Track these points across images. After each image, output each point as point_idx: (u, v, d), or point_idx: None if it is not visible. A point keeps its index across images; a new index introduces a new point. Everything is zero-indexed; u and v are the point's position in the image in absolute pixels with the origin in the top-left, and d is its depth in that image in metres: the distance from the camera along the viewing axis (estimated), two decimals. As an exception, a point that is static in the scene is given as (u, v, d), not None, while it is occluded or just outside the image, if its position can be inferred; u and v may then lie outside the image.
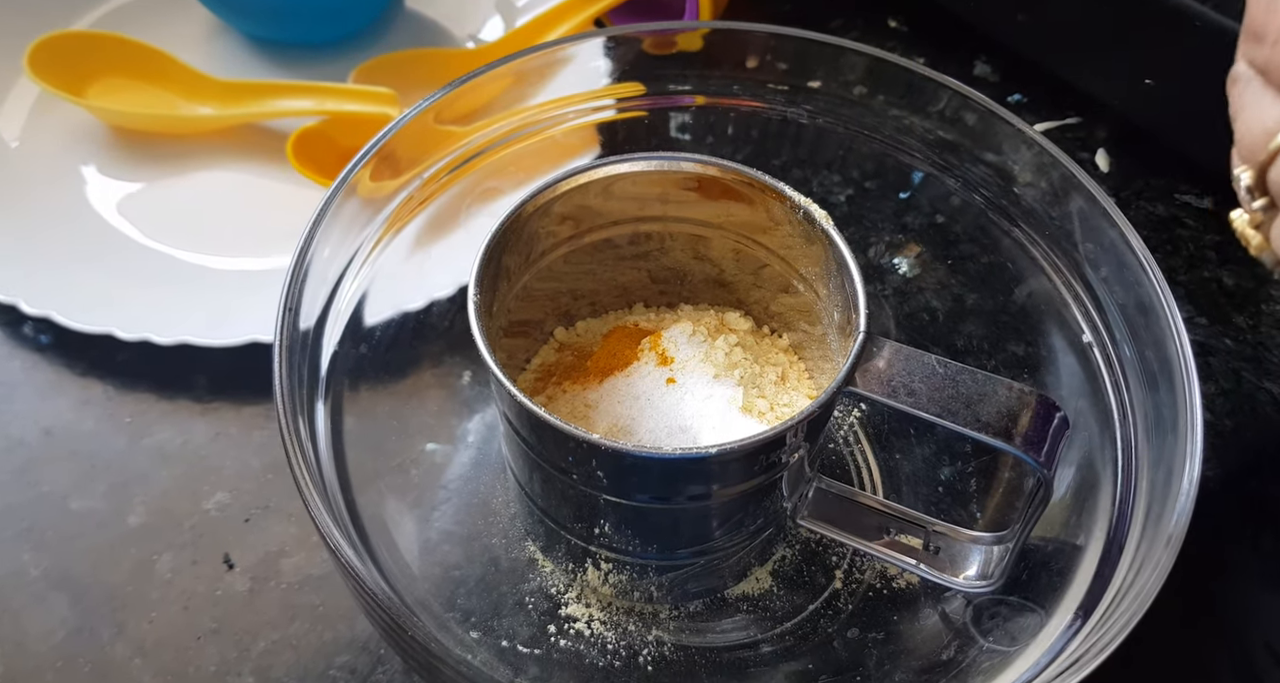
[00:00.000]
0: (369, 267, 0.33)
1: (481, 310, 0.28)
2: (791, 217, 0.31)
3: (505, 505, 0.36)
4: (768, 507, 0.31)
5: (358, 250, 0.33)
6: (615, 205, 0.33)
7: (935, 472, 0.36)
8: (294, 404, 0.25)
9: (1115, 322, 0.31)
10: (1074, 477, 0.31)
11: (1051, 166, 0.33)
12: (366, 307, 0.34)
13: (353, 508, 0.28)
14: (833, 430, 0.38)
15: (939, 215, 0.42)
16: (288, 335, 0.26)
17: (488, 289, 0.29)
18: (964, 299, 0.41)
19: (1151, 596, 0.23)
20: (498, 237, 0.29)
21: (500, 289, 0.31)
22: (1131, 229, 0.30)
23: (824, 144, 0.42)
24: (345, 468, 0.29)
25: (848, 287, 0.29)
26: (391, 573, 0.28)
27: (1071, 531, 0.30)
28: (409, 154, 0.34)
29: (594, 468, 0.27)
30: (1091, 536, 0.28)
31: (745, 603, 0.33)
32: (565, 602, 0.33)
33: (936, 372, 0.26)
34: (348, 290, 0.32)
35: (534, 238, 0.32)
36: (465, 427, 0.38)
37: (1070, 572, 0.28)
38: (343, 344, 0.31)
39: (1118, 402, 0.30)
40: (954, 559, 0.31)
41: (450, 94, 0.33)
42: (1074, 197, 0.33)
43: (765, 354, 0.36)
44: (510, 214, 0.30)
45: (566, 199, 0.32)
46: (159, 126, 0.47)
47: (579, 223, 0.33)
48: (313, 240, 0.28)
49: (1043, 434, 0.25)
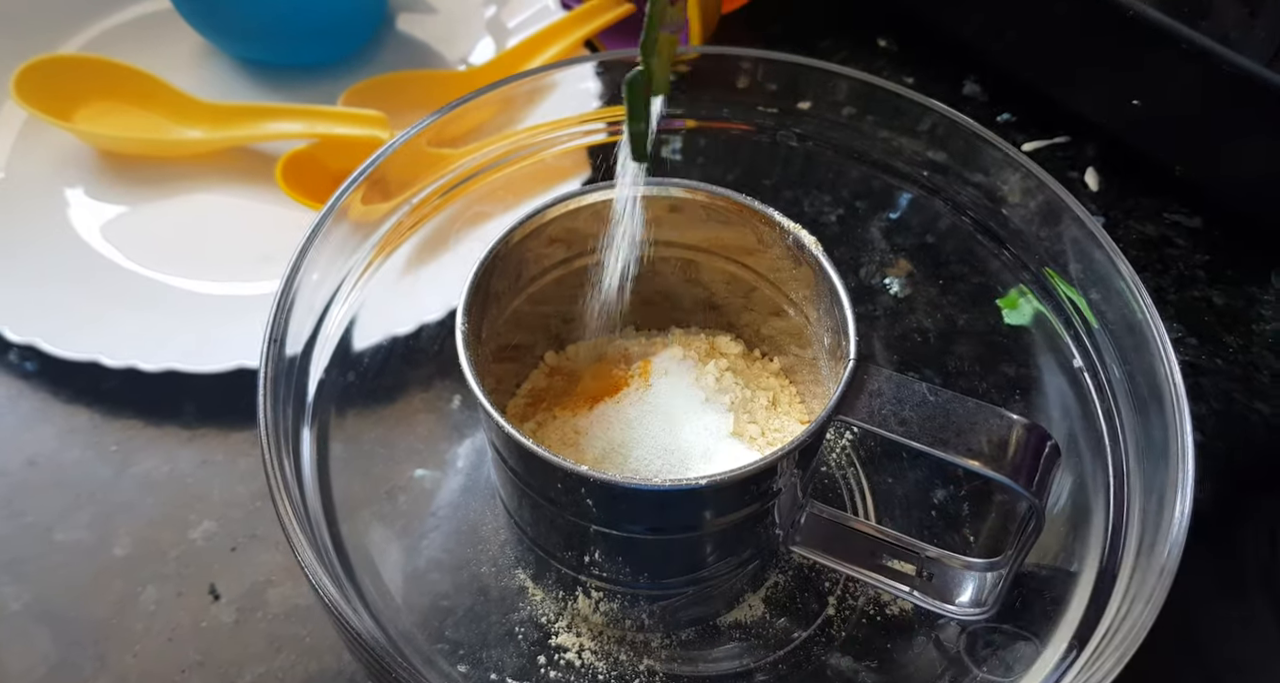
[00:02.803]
0: (358, 292, 0.33)
1: (470, 338, 0.28)
2: (780, 241, 0.31)
3: (495, 532, 0.35)
4: (760, 534, 0.31)
5: (346, 275, 0.32)
6: (606, 230, 0.33)
7: (928, 495, 0.36)
8: (278, 436, 0.25)
9: (1105, 345, 0.31)
10: (1067, 501, 0.31)
11: (1039, 189, 0.33)
12: (355, 332, 0.34)
13: (337, 538, 0.27)
14: (825, 454, 0.38)
15: (929, 235, 0.42)
16: (273, 366, 0.26)
17: (476, 315, 0.29)
18: (955, 320, 0.41)
19: (1146, 627, 0.23)
20: (487, 262, 0.29)
21: (490, 314, 0.31)
22: (1119, 252, 0.30)
23: (814, 166, 0.42)
24: (330, 497, 0.28)
25: (838, 313, 0.29)
26: (376, 605, 0.28)
27: (1065, 557, 0.29)
28: (400, 178, 0.34)
29: (582, 498, 0.27)
30: (1085, 562, 0.28)
31: (738, 631, 0.33)
32: (556, 631, 0.33)
33: (928, 400, 0.26)
34: (336, 316, 0.32)
35: (524, 263, 0.32)
36: (455, 452, 0.38)
37: (1064, 600, 0.28)
38: (330, 371, 0.31)
39: (1109, 426, 0.30)
40: (947, 586, 0.31)
41: (443, 118, 0.33)
42: (1062, 219, 0.33)
43: (756, 378, 0.36)
44: (500, 240, 0.29)
45: (557, 224, 0.32)
46: (147, 150, 0.47)
47: (569, 247, 0.33)
48: (300, 268, 0.28)
49: (1034, 463, 0.25)
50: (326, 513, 0.27)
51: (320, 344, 0.30)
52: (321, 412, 0.30)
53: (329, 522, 0.27)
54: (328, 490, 0.28)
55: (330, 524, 0.27)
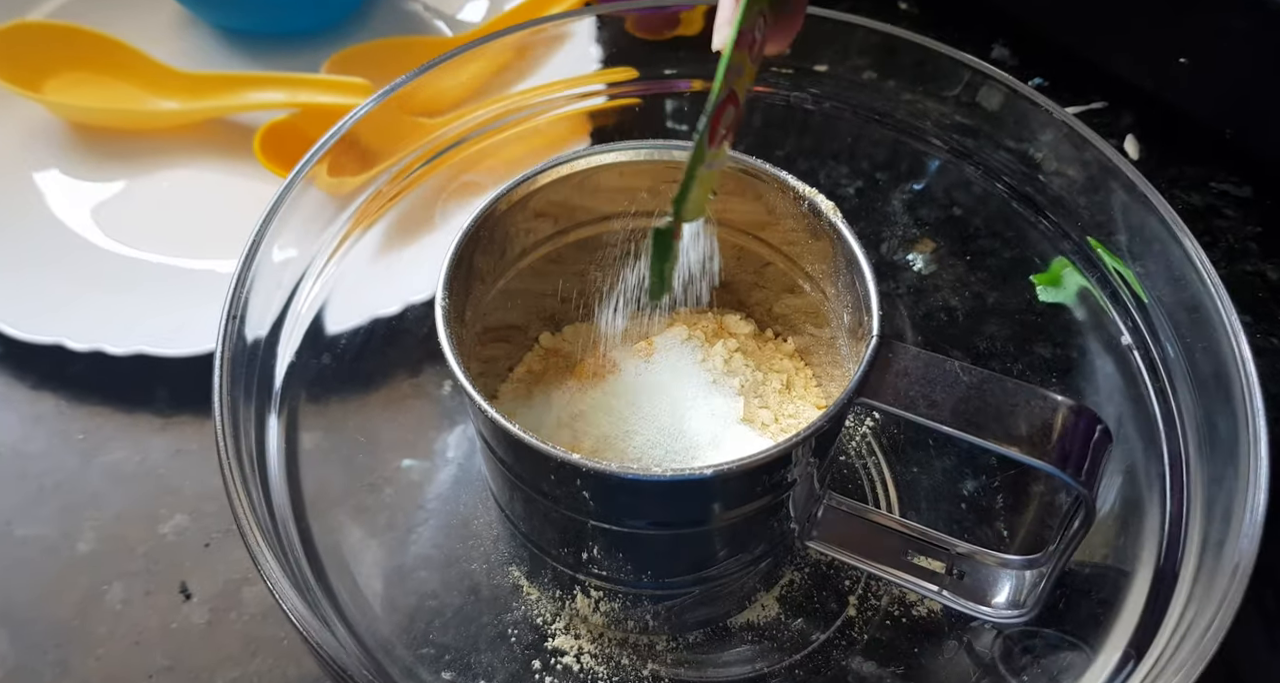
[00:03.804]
0: (333, 268, 0.31)
1: (451, 316, 0.26)
2: (795, 209, 0.29)
3: (487, 527, 0.34)
4: (774, 528, 0.29)
5: (319, 251, 0.30)
6: (601, 200, 0.31)
7: (957, 487, 0.34)
8: (237, 423, 0.23)
9: (1159, 322, 0.28)
10: (1115, 494, 0.28)
11: (1084, 150, 0.31)
12: (330, 312, 0.31)
13: (307, 537, 0.25)
14: (843, 442, 0.36)
15: (956, 207, 0.40)
16: (231, 346, 0.24)
17: (458, 293, 0.27)
18: (985, 298, 0.39)
19: (1220, 634, 0.21)
20: (468, 237, 0.27)
21: (474, 293, 0.29)
22: (1178, 219, 0.28)
23: (832, 132, 0.40)
24: (300, 491, 0.26)
25: (858, 285, 0.27)
26: (349, 610, 0.26)
27: (1115, 555, 0.27)
28: (376, 145, 0.32)
29: (578, 490, 0.25)
30: (1139, 561, 0.26)
31: (750, 633, 0.31)
32: (552, 633, 0.31)
33: (960, 380, 0.24)
34: (308, 294, 0.30)
35: (509, 237, 0.30)
36: (445, 441, 0.36)
37: (1116, 602, 0.26)
38: (301, 354, 0.29)
39: (1163, 410, 0.28)
40: (981, 585, 0.29)
41: (420, 78, 0.31)
42: (1110, 183, 0.30)
43: (768, 360, 0.33)
44: (481, 212, 0.27)
45: (545, 194, 0.29)
46: (121, 122, 0.45)
47: (560, 219, 0.31)
48: (262, 240, 0.26)
49: (1083, 450, 0.23)
50: (295, 508, 0.25)
51: (290, 324, 0.28)
52: (291, 397, 0.28)
53: (297, 518, 0.25)
54: (296, 484, 0.26)
55: (299, 521, 0.25)
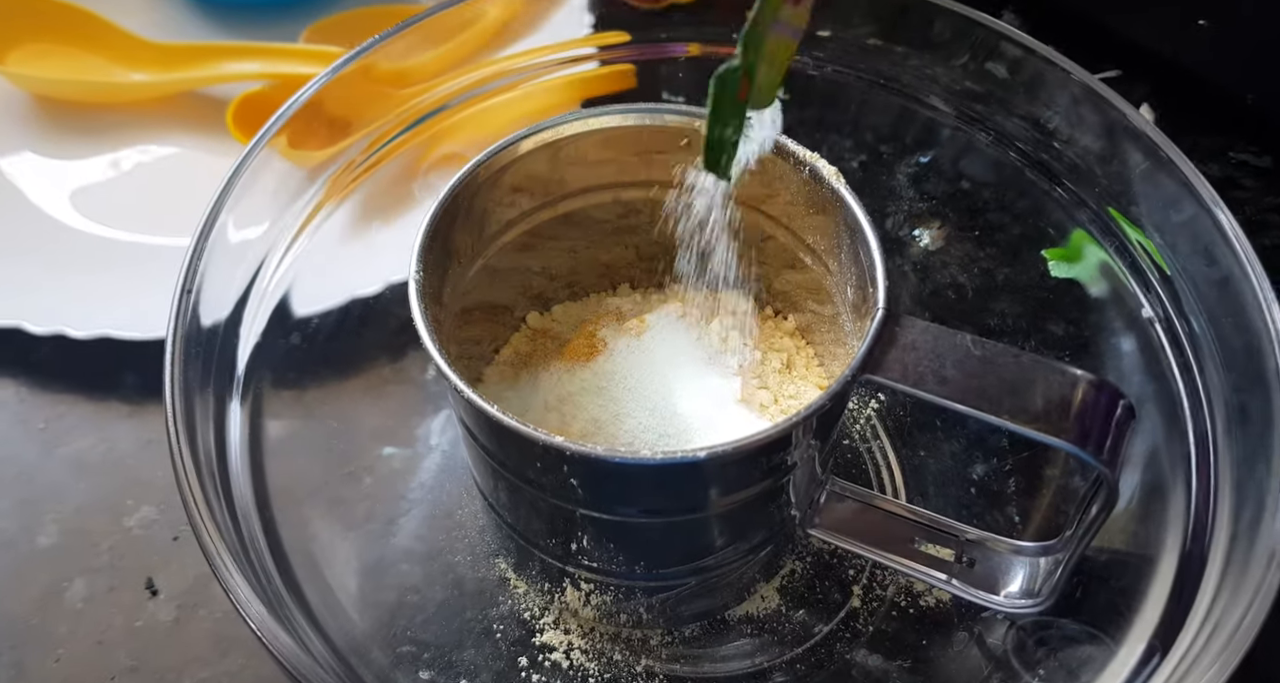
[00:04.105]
0: (304, 243, 0.30)
1: (427, 296, 0.24)
2: (796, 176, 0.28)
3: (473, 517, 0.33)
4: (773, 516, 0.28)
5: (286, 225, 0.29)
6: (588, 170, 0.30)
7: (966, 470, 0.33)
8: (190, 408, 0.22)
9: (1185, 294, 0.27)
10: (1137, 476, 0.27)
11: (1103, 113, 0.29)
12: (301, 291, 0.30)
13: (272, 530, 0.24)
14: (847, 425, 0.34)
15: (964, 180, 0.39)
16: (185, 324, 0.22)
17: (434, 273, 0.26)
18: (994, 274, 0.38)
19: (1255, 626, 0.19)
20: (442, 212, 0.26)
21: (451, 273, 0.28)
22: (1207, 185, 0.26)
23: (834, 101, 0.38)
24: (264, 482, 0.25)
25: (863, 257, 0.26)
26: (319, 609, 0.24)
27: (1136, 540, 0.26)
28: (345, 114, 0.30)
29: (565, 477, 0.24)
30: (1162, 546, 0.25)
31: (749, 626, 0.30)
32: (541, 628, 0.30)
33: (972, 354, 0.23)
34: (274, 271, 0.28)
35: (488, 211, 0.28)
36: (428, 427, 0.35)
37: (1138, 591, 0.25)
38: (268, 335, 0.28)
39: (1187, 387, 0.26)
40: (992, 573, 0.28)
41: (395, 43, 0.29)
42: (1133, 149, 0.29)
43: (768, 338, 0.32)
44: (456, 185, 0.26)
45: (526, 164, 0.28)
46: (88, 95, 0.44)
47: (544, 191, 0.30)
48: (219, 211, 0.24)
49: (1104, 426, 0.22)
50: (259, 501, 0.24)
51: (255, 303, 0.27)
52: (256, 382, 0.26)
53: (261, 510, 0.24)
54: (260, 474, 0.25)
55: (263, 514, 0.24)
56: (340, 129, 0.30)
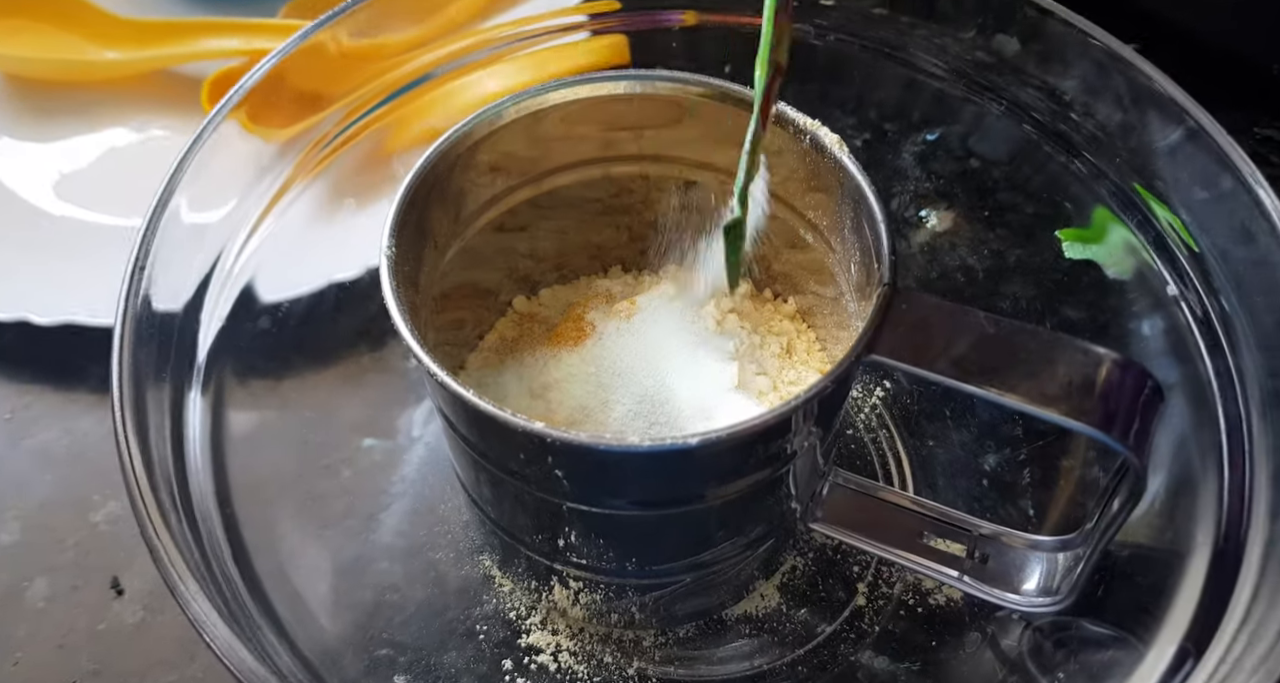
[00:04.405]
0: (272, 223, 0.28)
1: (399, 274, 0.23)
2: (795, 146, 0.26)
3: (456, 511, 0.32)
4: (772, 509, 0.27)
5: (252, 204, 0.27)
6: (574, 145, 0.29)
7: (978, 461, 0.32)
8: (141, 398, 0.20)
9: (1215, 271, 0.25)
10: (1163, 464, 0.26)
11: (1126, 78, 0.28)
12: (271, 273, 0.29)
13: (235, 528, 0.23)
14: (851, 413, 0.33)
15: (974, 159, 0.38)
16: (137, 305, 0.21)
17: (407, 259, 0.24)
18: (1005, 256, 0.37)
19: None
20: (412, 191, 0.24)
21: (427, 255, 0.26)
22: (1243, 156, 0.24)
23: (838, 73, 0.37)
24: (225, 477, 0.23)
25: (868, 230, 0.24)
26: (284, 613, 0.23)
27: (1163, 534, 0.25)
28: (316, 86, 0.29)
29: (549, 467, 0.23)
30: (1193, 540, 0.23)
31: (748, 625, 0.29)
32: (527, 629, 0.29)
33: (986, 332, 0.22)
34: (240, 252, 0.27)
35: (465, 190, 0.27)
36: (411, 418, 0.34)
37: (1167, 589, 0.23)
38: (236, 319, 0.27)
39: (1217, 369, 0.25)
40: (1006, 570, 0.27)
41: (359, 8, 0.28)
42: (1158, 117, 0.27)
43: (766, 322, 0.31)
44: (427, 162, 0.25)
45: (504, 138, 0.27)
46: (59, 74, 0.42)
47: (525, 168, 0.29)
48: (174, 188, 0.23)
49: (1130, 408, 0.20)
50: (220, 498, 0.22)
51: (218, 285, 0.26)
52: (220, 370, 0.25)
53: (223, 508, 0.22)
54: (223, 470, 0.23)
55: (225, 512, 0.22)
56: (310, 103, 0.28)
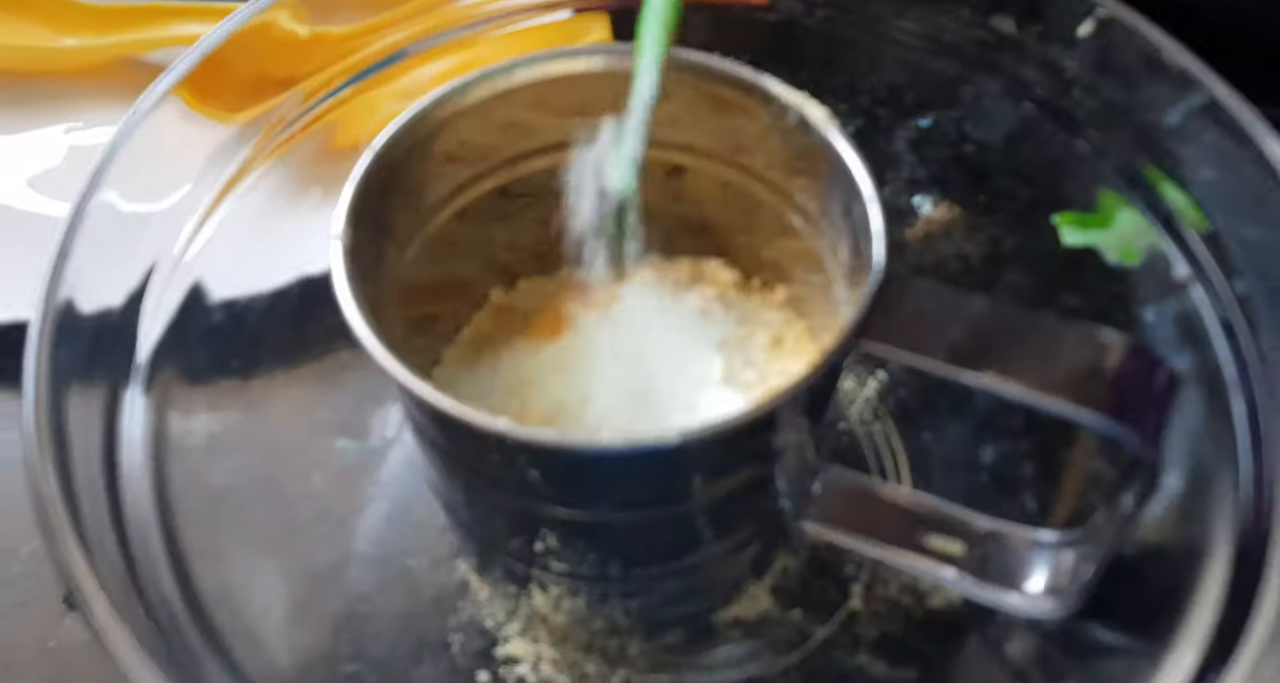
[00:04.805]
0: (226, 211, 0.27)
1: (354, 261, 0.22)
2: (780, 123, 0.25)
3: (433, 515, 0.30)
4: (761, 507, 0.26)
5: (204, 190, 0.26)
6: (550, 123, 0.27)
7: (977, 454, 0.31)
8: (58, 399, 0.19)
9: (1230, 246, 0.24)
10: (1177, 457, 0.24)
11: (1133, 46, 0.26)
12: (227, 264, 0.27)
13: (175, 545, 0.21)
14: (844, 405, 0.32)
15: (968, 144, 0.37)
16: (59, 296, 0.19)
17: (364, 255, 0.23)
18: (1002, 243, 0.36)
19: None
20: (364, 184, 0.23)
21: (387, 250, 0.25)
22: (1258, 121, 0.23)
23: (828, 59, 0.36)
24: (166, 489, 0.22)
25: (855, 210, 0.23)
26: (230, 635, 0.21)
27: (1179, 530, 0.24)
28: (274, 65, 0.27)
29: (522, 469, 0.22)
30: (1211, 537, 0.22)
31: (738, 630, 0.28)
32: (505, 637, 0.28)
33: (986, 317, 0.21)
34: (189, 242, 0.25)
35: (426, 179, 0.26)
36: (388, 417, 0.33)
37: (1185, 590, 0.22)
38: (185, 314, 0.25)
39: (1233, 353, 0.24)
40: (1009, 569, 0.25)
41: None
42: (1167, 88, 0.26)
43: (754, 312, 0.30)
44: (384, 143, 0.23)
45: (471, 119, 0.25)
46: (16, 63, 0.41)
47: (493, 153, 0.27)
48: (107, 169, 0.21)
49: (1143, 397, 0.19)
50: (161, 509, 0.21)
51: (163, 278, 0.24)
52: (164, 370, 0.23)
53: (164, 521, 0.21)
54: (165, 478, 0.22)
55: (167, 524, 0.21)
56: (268, 83, 0.27)
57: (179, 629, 0.20)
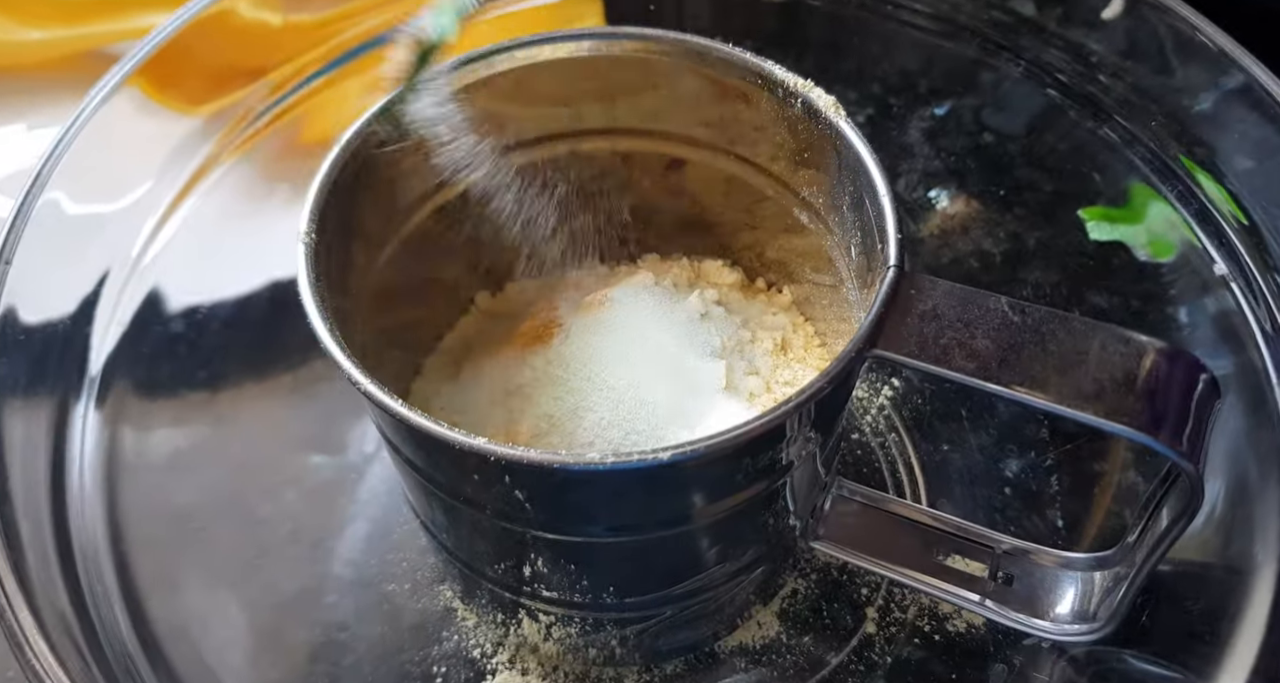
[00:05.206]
0: (187, 211, 0.26)
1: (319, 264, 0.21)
2: (786, 112, 0.25)
3: (414, 535, 0.29)
4: (767, 528, 0.25)
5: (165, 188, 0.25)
6: (533, 116, 0.26)
7: (999, 467, 0.30)
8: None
9: (1270, 243, 0.23)
10: (1216, 471, 0.24)
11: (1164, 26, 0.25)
12: (186, 269, 0.26)
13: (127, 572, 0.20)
14: (856, 415, 0.31)
15: (987, 133, 0.37)
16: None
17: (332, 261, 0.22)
18: (1024, 238, 0.35)
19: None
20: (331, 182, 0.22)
21: (359, 258, 0.24)
22: None
23: (837, 39, 0.35)
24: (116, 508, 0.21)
25: (870, 206, 0.23)
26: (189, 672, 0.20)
27: (1218, 550, 0.23)
28: (238, 53, 0.26)
29: (508, 491, 0.21)
30: (1253, 559, 0.22)
31: (743, 659, 0.28)
32: (493, 668, 0.27)
33: (1011, 322, 0.20)
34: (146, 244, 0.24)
35: (399, 178, 0.25)
36: (366, 431, 0.32)
37: (1225, 615, 0.21)
38: (140, 322, 0.24)
39: (1276, 358, 0.22)
40: (1035, 592, 0.25)
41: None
42: (1201, 71, 0.25)
43: (758, 315, 0.30)
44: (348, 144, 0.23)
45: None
46: (-21, 59, 0.40)
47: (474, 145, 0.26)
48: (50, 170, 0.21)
49: (1182, 407, 0.18)
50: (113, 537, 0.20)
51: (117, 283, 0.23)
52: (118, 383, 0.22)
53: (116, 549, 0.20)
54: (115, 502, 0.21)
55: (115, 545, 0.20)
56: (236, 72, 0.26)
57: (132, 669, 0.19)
